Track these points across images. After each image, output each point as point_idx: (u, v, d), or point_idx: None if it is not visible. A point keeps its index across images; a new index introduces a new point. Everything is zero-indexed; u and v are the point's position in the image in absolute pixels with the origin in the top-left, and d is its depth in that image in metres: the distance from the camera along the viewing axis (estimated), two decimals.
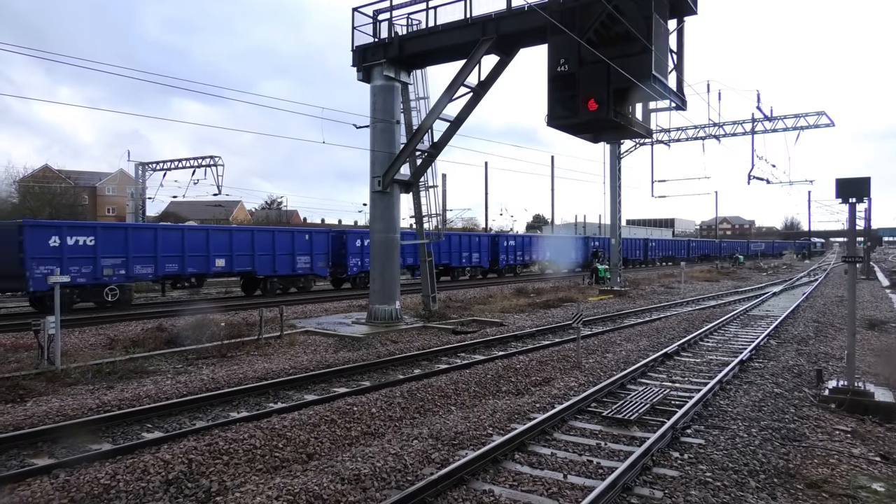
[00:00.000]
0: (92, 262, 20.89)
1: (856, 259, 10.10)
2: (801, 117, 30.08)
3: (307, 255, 28.07)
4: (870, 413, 9.00)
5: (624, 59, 12.43)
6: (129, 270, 21.78)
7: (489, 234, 47.45)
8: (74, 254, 20.44)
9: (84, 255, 20.78)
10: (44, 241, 19.91)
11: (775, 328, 17.18)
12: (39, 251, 19.71)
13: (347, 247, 30.07)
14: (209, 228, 25.97)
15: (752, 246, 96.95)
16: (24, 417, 8.38)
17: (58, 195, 54.61)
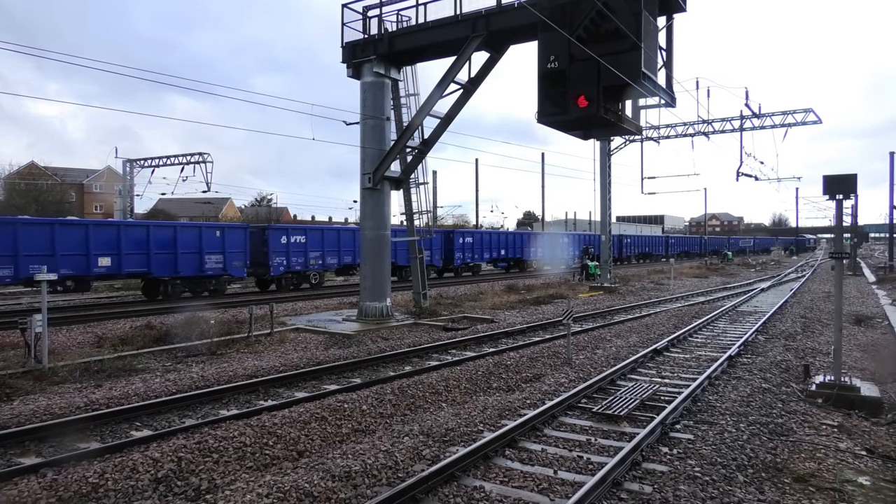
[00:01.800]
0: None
1: (843, 255, 10.20)
2: (789, 114, 30.31)
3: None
4: (856, 408, 9.10)
5: (614, 56, 12.46)
6: None
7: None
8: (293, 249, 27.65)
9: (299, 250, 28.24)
10: (276, 239, 27.41)
11: (763, 324, 17.33)
12: (276, 247, 27.19)
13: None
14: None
15: (741, 242, 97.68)
16: (10, 416, 8.29)
17: (44, 192, 54.10)
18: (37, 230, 20.12)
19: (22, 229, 19.67)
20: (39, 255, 19.62)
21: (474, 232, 43.74)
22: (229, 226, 28.27)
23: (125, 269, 22.19)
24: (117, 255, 21.73)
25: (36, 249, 19.69)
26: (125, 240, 22.04)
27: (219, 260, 24.97)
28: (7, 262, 19.17)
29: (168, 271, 23.41)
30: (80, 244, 20.88)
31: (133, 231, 22.70)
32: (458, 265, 38.82)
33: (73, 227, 21.42)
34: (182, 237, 23.77)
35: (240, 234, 26.26)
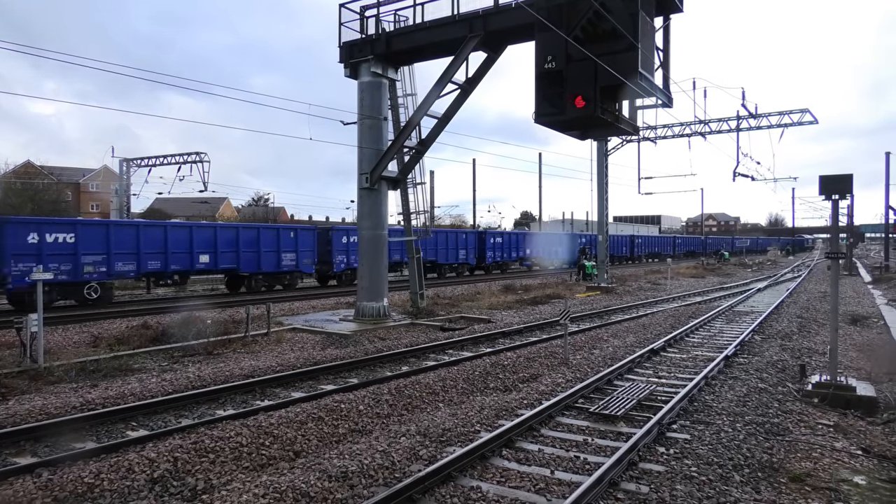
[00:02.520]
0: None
1: (838, 255, 10.23)
2: (786, 114, 30.41)
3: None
4: (852, 407, 9.13)
5: (611, 56, 12.46)
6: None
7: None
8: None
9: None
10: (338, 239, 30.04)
11: (760, 324, 17.37)
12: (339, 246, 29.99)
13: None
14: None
15: (738, 242, 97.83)
16: (6, 416, 8.26)
17: (40, 191, 53.91)
18: (153, 231, 23.50)
19: (143, 231, 23.04)
20: (154, 252, 23.07)
21: (504, 233, 47.53)
22: (301, 227, 30.90)
23: (220, 265, 25.32)
24: (214, 254, 24.77)
25: (152, 248, 22.99)
26: (220, 240, 25.05)
27: (292, 258, 27.84)
28: (131, 258, 22.45)
29: (252, 267, 26.40)
30: (185, 244, 24.03)
31: (226, 232, 25.77)
32: (489, 263, 41.98)
33: (179, 229, 24.66)
34: (264, 237, 26.74)
35: (310, 234, 29.32)
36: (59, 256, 20.32)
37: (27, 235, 19.64)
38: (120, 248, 22.00)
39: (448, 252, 37.71)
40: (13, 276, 19.14)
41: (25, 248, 19.54)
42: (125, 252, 22.17)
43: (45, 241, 20.06)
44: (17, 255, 19.28)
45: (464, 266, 39.68)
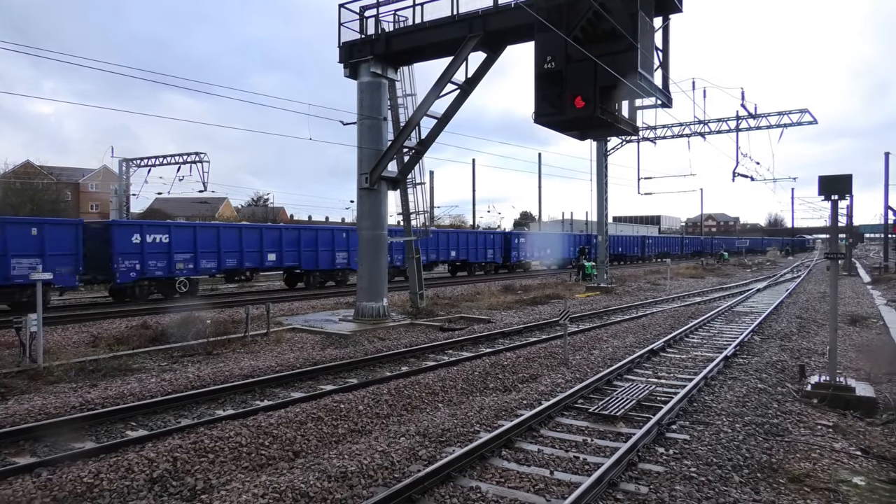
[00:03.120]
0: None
1: (838, 255, 10.23)
2: (785, 115, 30.42)
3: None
4: (851, 408, 9.13)
5: (610, 56, 12.46)
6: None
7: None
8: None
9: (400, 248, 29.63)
10: None
11: (759, 324, 17.37)
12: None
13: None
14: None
15: (737, 243, 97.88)
16: (5, 416, 8.26)
17: (39, 191, 53.88)
18: (230, 233, 26.00)
19: (222, 232, 25.55)
20: (232, 251, 25.57)
21: (527, 234, 50.58)
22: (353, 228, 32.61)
23: (285, 263, 27.78)
24: (280, 252, 27.23)
25: (230, 248, 25.49)
26: (285, 240, 27.56)
27: (345, 256, 30.32)
28: (213, 257, 25.00)
29: (311, 265, 28.90)
30: (256, 243, 26.53)
31: (290, 233, 28.26)
32: (514, 262, 44.65)
33: (251, 230, 27.13)
34: (321, 238, 29.40)
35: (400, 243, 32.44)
36: (157, 255, 23.01)
37: (131, 237, 22.36)
38: (204, 248, 24.65)
39: (478, 252, 40.54)
40: (120, 272, 21.94)
41: (130, 247, 22.23)
42: (208, 251, 24.85)
43: (146, 241, 22.76)
44: (124, 254, 22.01)
45: (491, 264, 42.26)
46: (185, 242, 24.02)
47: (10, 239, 18.92)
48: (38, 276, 11.88)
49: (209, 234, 25.11)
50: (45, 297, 18.47)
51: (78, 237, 20.59)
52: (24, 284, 18.72)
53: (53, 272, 18.50)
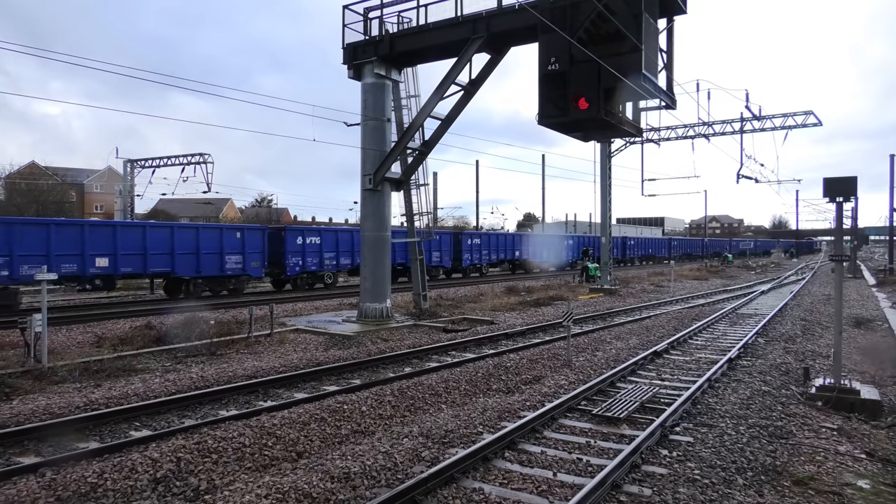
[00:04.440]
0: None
1: (843, 258, 10.20)
2: (790, 116, 30.29)
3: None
4: (856, 410, 9.10)
5: (614, 57, 12.46)
6: None
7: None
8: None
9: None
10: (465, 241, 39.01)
11: (763, 326, 17.32)
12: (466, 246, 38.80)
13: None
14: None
15: (741, 244, 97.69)
16: (9, 416, 8.29)
17: (44, 192, 54.09)
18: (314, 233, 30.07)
19: (356, 235, 28.07)
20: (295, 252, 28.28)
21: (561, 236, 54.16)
22: (440, 232, 39.18)
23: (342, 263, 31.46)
24: (350, 253, 30.60)
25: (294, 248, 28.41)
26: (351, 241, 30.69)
27: (439, 255, 36.43)
28: (349, 255, 30.17)
29: (404, 260, 32.44)
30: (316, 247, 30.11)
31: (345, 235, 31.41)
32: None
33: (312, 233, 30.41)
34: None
35: (448, 237, 38.45)
36: (312, 253, 28.56)
37: (296, 239, 28.10)
38: (344, 248, 30.10)
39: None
40: (289, 266, 27.78)
41: (295, 247, 28.00)
42: (346, 250, 30.15)
43: (306, 242, 28.35)
44: (291, 252, 27.75)
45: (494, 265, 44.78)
46: (331, 243, 29.61)
47: (226, 241, 25.18)
48: (43, 276, 11.90)
49: (346, 236, 30.75)
50: (240, 285, 26.56)
51: (264, 239, 26.84)
52: (232, 275, 25.62)
53: (250, 266, 25.95)
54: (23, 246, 19.43)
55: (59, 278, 19.63)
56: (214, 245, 24.84)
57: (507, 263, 45.27)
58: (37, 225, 20.83)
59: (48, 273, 12.10)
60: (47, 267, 16.76)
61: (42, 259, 19.44)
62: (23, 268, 19.36)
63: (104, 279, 22.41)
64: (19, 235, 19.45)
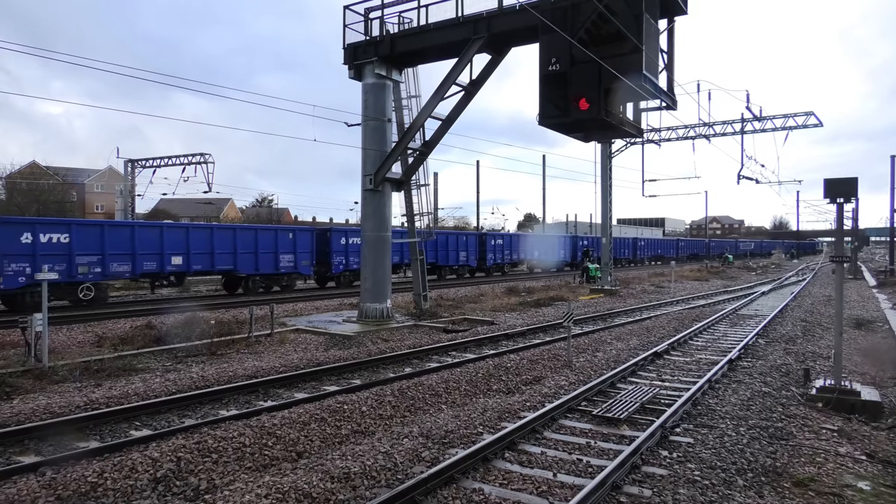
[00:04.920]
0: None
1: (843, 259, 10.19)
2: (790, 117, 30.28)
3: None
4: (856, 412, 9.09)
5: (615, 58, 12.45)
6: None
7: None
8: None
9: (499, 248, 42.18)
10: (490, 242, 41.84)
11: (764, 327, 17.31)
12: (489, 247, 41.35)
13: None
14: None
15: (742, 245, 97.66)
16: (10, 415, 8.30)
17: (45, 192, 54.13)
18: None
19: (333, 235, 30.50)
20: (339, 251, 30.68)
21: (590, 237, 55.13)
22: (468, 233, 43.01)
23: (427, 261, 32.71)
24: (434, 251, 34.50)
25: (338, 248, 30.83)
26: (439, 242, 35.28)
27: (465, 255, 39.16)
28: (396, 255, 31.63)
29: (451, 261, 37.51)
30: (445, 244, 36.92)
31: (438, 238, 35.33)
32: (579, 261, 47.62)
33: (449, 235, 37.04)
34: (451, 241, 37.89)
35: (473, 238, 41.26)
36: (354, 253, 29.97)
37: (340, 239, 30.36)
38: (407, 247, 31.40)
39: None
40: (334, 265, 30.14)
41: (339, 247, 30.34)
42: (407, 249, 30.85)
43: (349, 243, 30.47)
44: (336, 252, 30.11)
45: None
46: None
47: (280, 241, 27.24)
48: (44, 276, 11.92)
49: None
50: (291, 282, 28.67)
51: (312, 240, 28.90)
52: (285, 273, 27.74)
53: (301, 264, 28.14)
54: (112, 246, 21.60)
55: (140, 275, 22.74)
56: (270, 245, 26.95)
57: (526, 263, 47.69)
58: (123, 227, 23.17)
59: (47, 273, 12.11)
60: (132, 265, 22.07)
61: (128, 258, 22.05)
62: (112, 265, 21.70)
63: (177, 276, 24.29)
64: (109, 237, 21.58)
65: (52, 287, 19.27)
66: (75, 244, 20.60)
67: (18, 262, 19.31)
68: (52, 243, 20.18)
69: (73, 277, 20.62)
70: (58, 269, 19.93)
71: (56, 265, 19.96)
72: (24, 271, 19.40)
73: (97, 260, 21.15)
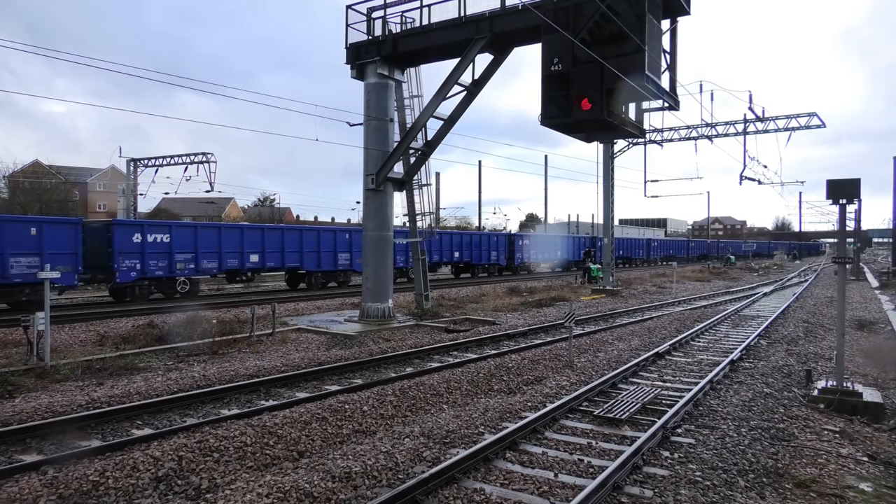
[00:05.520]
0: None
1: (845, 260, 10.17)
2: (793, 118, 30.23)
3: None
4: (858, 413, 9.07)
5: (617, 58, 12.44)
6: None
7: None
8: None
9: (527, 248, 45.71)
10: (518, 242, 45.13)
11: (766, 328, 17.29)
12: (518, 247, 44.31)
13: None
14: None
15: (744, 246, 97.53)
16: (12, 413, 8.31)
17: (48, 191, 54.21)
18: (459, 237, 40.09)
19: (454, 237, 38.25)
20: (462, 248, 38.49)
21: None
22: (499, 234, 46.92)
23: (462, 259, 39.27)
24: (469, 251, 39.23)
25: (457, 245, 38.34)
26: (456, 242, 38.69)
27: (496, 254, 41.91)
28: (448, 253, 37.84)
29: (478, 260, 40.58)
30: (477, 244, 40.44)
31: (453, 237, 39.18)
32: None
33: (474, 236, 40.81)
34: (484, 241, 41.34)
35: (504, 239, 44.09)
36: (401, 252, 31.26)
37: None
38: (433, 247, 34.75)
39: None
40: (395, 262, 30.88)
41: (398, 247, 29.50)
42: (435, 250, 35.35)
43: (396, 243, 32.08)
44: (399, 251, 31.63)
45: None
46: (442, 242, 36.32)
47: (338, 241, 29.97)
48: (46, 275, 11.94)
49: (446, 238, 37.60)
50: (347, 279, 31.25)
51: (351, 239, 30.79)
52: (342, 270, 30.46)
53: (356, 262, 29.68)
54: (203, 245, 24.56)
55: (224, 271, 25.81)
56: (330, 245, 29.71)
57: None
58: (211, 228, 25.91)
59: (47, 272, 12.13)
60: (219, 262, 25.08)
61: (215, 255, 24.96)
62: (203, 262, 24.53)
63: (254, 272, 27.59)
64: (201, 237, 24.57)
65: (156, 281, 23.43)
66: (174, 243, 23.61)
67: (131, 259, 22.36)
68: (156, 243, 23.13)
69: (173, 273, 23.73)
70: (161, 265, 23.25)
71: (159, 262, 23.19)
72: (136, 267, 22.56)
73: (191, 257, 24.19)
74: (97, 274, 22.38)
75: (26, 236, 19.54)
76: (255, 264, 26.55)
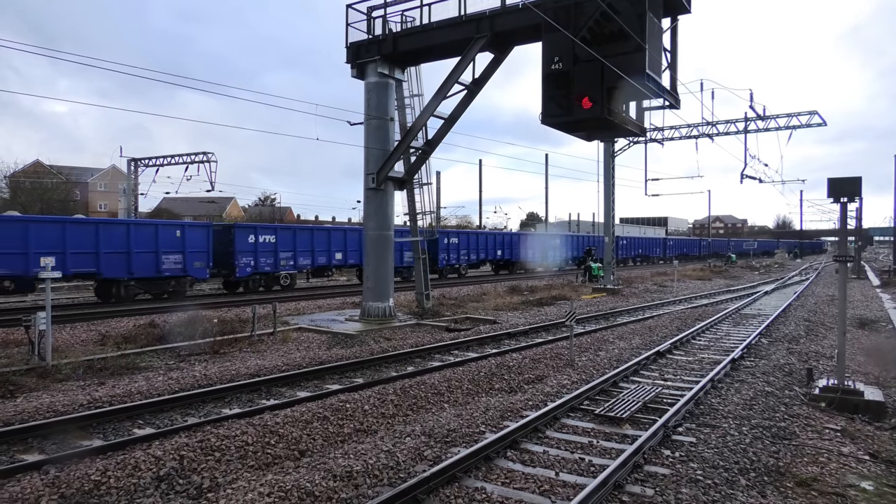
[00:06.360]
0: None
1: (847, 258, 10.16)
2: (794, 116, 30.20)
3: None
4: (859, 412, 9.07)
5: (618, 57, 12.43)
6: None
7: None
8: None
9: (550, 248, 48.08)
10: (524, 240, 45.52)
11: (767, 327, 17.27)
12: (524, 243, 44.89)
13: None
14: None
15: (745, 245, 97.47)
16: (13, 413, 8.33)
17: (49, 190, 54.27)
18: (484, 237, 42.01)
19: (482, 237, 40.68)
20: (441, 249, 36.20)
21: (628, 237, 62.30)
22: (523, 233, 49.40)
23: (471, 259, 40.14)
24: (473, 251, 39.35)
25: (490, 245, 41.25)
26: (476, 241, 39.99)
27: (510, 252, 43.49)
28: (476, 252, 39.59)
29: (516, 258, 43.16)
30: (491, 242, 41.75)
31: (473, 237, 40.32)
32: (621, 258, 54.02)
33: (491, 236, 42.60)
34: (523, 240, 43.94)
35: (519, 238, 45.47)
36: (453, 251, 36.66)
37: (444, 240, 36.05)
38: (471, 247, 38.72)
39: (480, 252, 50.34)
40: (439, 260, 35.37)
41: (442, 246, 35.82)
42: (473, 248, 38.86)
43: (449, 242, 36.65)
44: (441, 249, 35.26)
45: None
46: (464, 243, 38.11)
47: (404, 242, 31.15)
48: (48, 275, 11.94)
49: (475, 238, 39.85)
50: (409, 275, 31.47)
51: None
52: (406, 266, 32.02)
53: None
54: (300, 244, 28.56)
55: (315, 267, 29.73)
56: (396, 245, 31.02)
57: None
58: (305, 229, 30.20)
59: (53, 271, 12.13)
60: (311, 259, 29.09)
61: (308, 253, 28.94)
62: (300, 259, 28.65)
63: (337, 268, 32.42)
64: (298, 237, 28.63)
65: (263, 276, 27.24)
66: (279, 243, 27.33)
67: (247, 257, 26.14)
68: (265, 242, 26.85)
69: (277, 269, 27.48)
70: (269, 262, 27.01)
71: (267, 259, 26.97)
72: (250, 263, 26.33)
73: (291, 255, 27.90)
74: (221, 269, 26.12)
75: (173, 238, 23.34)
76: (339, 261, 30.60)
